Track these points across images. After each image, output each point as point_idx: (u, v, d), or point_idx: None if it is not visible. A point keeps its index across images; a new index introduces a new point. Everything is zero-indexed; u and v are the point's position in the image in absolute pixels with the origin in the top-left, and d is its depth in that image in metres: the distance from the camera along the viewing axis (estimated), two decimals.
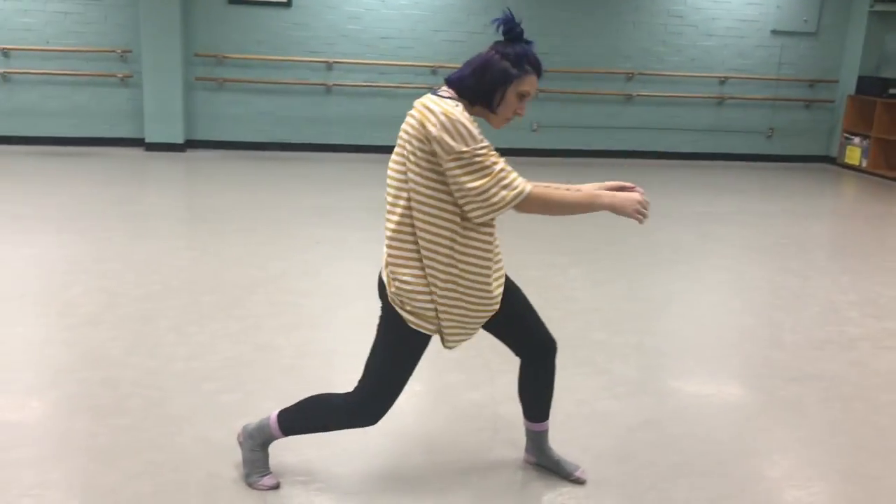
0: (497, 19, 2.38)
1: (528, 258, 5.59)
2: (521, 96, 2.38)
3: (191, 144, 9.48)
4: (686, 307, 4.74)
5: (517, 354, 2.68)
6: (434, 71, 9.60)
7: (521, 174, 2.38)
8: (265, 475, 2.68)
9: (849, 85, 10.46)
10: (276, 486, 2.68)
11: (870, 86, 10.07)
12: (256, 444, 2.68)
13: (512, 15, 2.38)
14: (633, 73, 10.13)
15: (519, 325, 2.62)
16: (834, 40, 10.52)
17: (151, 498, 2.58)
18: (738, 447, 3.10)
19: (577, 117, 10.21)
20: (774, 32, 10.35)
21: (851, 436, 3.24)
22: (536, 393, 2.72)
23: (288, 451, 2.89)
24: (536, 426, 2.79)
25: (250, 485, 2.67)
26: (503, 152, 2.36)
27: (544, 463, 2.84)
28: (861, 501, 2.76)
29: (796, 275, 5.52)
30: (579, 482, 2.78)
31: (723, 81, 10.39)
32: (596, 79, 10.12)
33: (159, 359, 3.65)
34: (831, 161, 10.79)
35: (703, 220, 7.07)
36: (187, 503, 2.56)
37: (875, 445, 3.17)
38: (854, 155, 10.31)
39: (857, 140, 10.22)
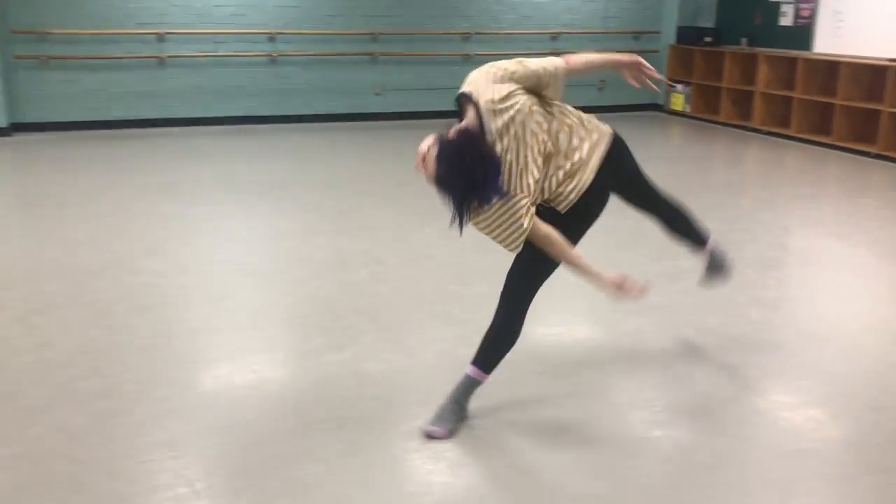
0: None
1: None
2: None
3: (17, 128, 8.91)
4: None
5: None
6: (272, 38, 9.44)
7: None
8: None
9: (669, 35, 11.08)
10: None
11: (688, 35, 10.73)
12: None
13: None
14: (470, 33, 10.32)
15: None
16: None
17: (14, 493, 2.53)
18: None
19: (418, 79, 10.31)
20: None
21: None
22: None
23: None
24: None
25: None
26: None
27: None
28: None
29: None
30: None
31: (555, 37, 10.76)
32: (433, 40, 10.24)
33: (4, 352, 3.51)
34: (659, 108, 11.45)
35: None
36: (53, 495, 2.53)
37: None
38: (678, 101, 10.98)
39: (679, 87, 10.86)
